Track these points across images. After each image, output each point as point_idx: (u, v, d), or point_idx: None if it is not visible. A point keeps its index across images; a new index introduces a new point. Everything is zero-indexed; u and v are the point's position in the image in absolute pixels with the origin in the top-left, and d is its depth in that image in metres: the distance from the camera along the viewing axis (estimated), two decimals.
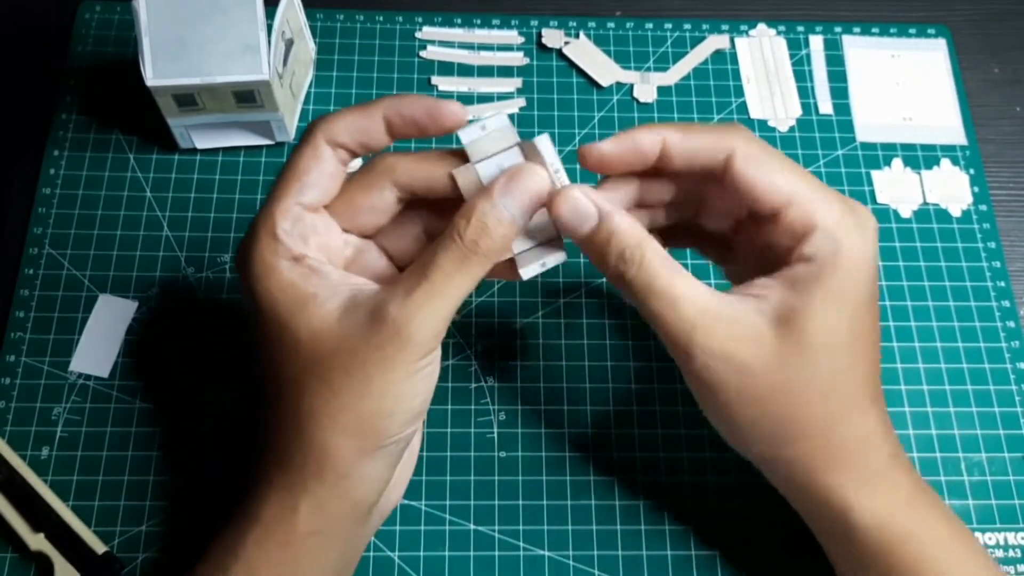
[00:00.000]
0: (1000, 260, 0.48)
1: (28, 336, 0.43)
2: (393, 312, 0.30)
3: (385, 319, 0.30)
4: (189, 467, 0.41)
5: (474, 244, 0.31)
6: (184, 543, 0.40)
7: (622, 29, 0.53)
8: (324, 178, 0.33)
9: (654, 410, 0.43)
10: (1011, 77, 0.53)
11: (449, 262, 0.31)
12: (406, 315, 0.30)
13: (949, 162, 0.50)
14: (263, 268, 0.32)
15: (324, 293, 0.31)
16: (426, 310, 0.30)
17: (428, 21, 0.53)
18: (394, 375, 0.31)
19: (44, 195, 0.47)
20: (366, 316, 0.31)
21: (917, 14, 0.55)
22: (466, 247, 0.31)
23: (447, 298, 0.31)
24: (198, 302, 0.45)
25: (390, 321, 0.30)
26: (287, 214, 0.32)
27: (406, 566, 0.40)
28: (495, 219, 0.31)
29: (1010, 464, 0.43)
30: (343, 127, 0.33)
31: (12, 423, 0.42)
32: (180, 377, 0.43)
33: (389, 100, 0.33)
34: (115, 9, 0.52)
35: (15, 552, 0.39)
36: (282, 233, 0.32)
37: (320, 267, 0.32)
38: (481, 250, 0.31)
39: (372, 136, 0.33)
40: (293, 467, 0.32)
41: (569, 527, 0.41)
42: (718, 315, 0.32)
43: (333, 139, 0.33)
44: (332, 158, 0.33)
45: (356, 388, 0.31)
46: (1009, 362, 0.45)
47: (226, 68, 0.43)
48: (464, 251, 0.31)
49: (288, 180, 0.33)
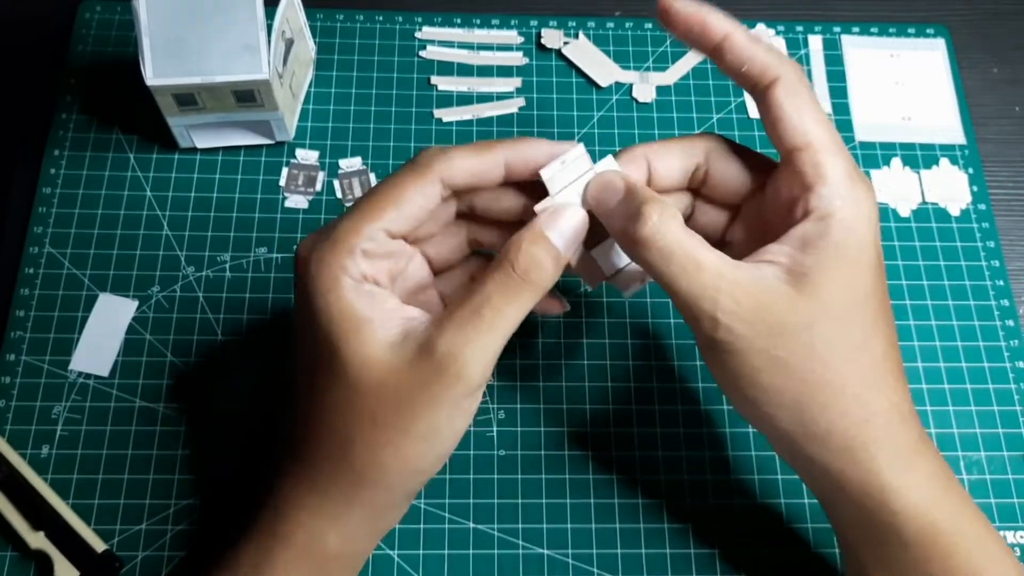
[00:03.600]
0: (999, 259, 0.48)
1: (28, 335, 0.43)
2: (443, 347, 0.30)
3: (434, 354, 0.30)
4: (189, 466, 0.41)
5: (527, 274, 0.31)
6: (184, 542, 0.40)
7: (621, 29, 0.53)
8: (422, 212, 0.33)
9: (653, 409, 0.43)
10: (1010, 77, 0.53)
11: (501, 295, 0.31)
12: (457, 351, 0.30)
13: (948, 161, 0.50)
14: (329, 281, 0.31)
15: (379, 320, 0.31)
16: (476, 346, 0.30)
17: (428, 21, 0.53)
18: (440, 414, 0.31)
19: (44, 194, 0.47)
20: (416, 350, 0.30)
21: (916, 14, 0.55)
22: (519, 277, 0.31)
23: (498, 332, 0.31)
24: (198, 301, 0.45)
25: (440, 357, 0.30)
26: (372, 235, 0.32)
27: (406, 564, 0.40)
28: (543, 251, 0.31)
29: (1009, 463, 0.43)
30: (463, 169, 0.33)
31: (12, 422, 0.42)
32: (180, 376, 0.43)
33: (510, 145, 0.33)
34: (115, 9, 0.52)
35: (15, 550, 0.40)
36: (360, 252, 0.31)
37: (380, 293, 0.32)
38: (533, 280, 0.31)
39: (488, 180, 0.33)
40: (327, 493, 0.32)
41: (568, 525, 0.41)
42: (740, 279, 0.31)
43: (449, 180, 0.33)
44: (438, 195, 0.33)
45: (400, 425, 0.31)
46: (1008, 361, 0.45)
47: (226, 67, 0.43)
48: (517, 283, 0.31)
49: (384, 200, 0.32)
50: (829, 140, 0.33)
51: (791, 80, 0.33)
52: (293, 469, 0.33)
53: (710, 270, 0.31)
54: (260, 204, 0.47)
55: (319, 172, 0.48)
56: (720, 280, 0.31)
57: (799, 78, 0.33)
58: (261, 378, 0.43)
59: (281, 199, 0.47)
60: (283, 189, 0.48)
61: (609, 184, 0.33)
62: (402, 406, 0.31)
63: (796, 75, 0.33)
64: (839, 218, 0.31)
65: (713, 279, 0.31)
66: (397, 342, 0.31)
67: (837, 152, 0.33)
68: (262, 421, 0.42)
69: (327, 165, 0.48)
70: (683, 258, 0.31)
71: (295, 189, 0.48)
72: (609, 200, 0.33)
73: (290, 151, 0.49)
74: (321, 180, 0.48)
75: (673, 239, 0.31)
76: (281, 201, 0.47)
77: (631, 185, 0.33)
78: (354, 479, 0.32)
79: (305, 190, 0.48)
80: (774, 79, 0.33)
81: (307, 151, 0.49)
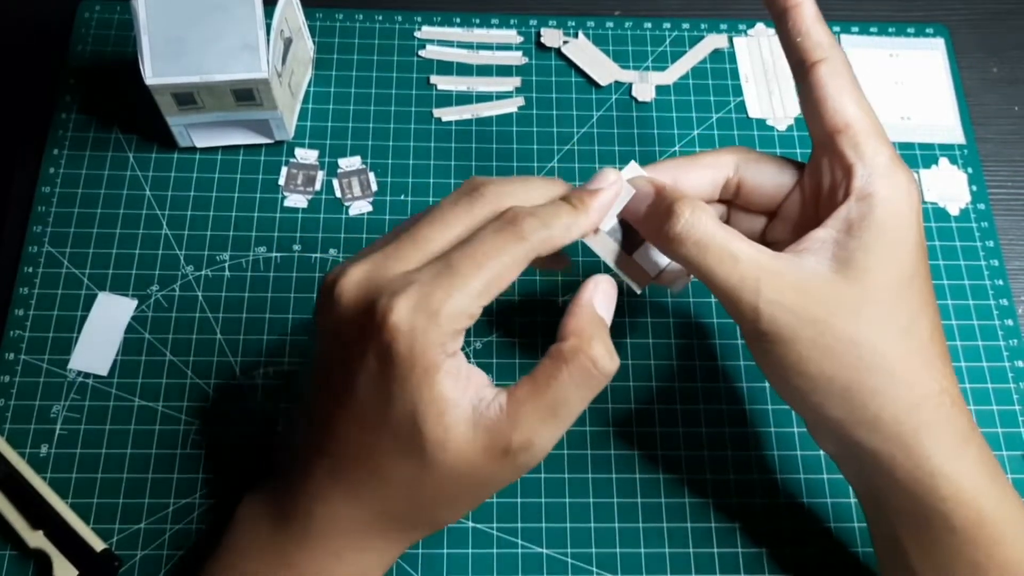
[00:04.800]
0: (998, 259, 0.48)
1: (27, 334, 0.43)
2: (517, 442, 0.30)
3: (509, 451, 0.30)
4: (188, 465, 0.41)
5: (605, 370, 0.30)
6: (183, 541, 0.40)
7: (621, 28, 0.53)
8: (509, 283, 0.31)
9: (652, 408, 0.43)
10: (1009, 76, 0.53)
11: (578, 392, 0.30)
12: (529, 442, 0.30)
13: (947, 161, 0.50)
14: (429, 363, 0.29)
15: (462, 402, 0.30)
16: (549, 439, 0.30)
17: (427, 20, 0.53)
18: (494, 491, 0.33)
19: (43, 194, 0.47)
20: (489, 443, 0.30)
21: (915, 13, 0.55)
22: (600, 375, 0.30)
23: (568, 423, 0.31)
24: (197, 300, 0.45)
25: (513, 451, 0.30)
26: (476, 311, 0.30)
27: (405, 564, 0.40)
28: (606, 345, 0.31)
29: (1009, 463, 0.43)
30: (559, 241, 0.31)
31: (11, 421, 0.42)
32: (179, 375, 0.43)
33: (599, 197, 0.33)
34: (114, 8, 0.52)
35: (14, 550, 0.40)
36: (460, 332, 0.29)
37: (470, 371, 0.30)
38: (609, 375, 0.31)
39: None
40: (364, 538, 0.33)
41: (567, 525, 0.41)
42: (781, 269, 0.31)
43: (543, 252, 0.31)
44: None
45: (470, 503, 0.33)
46: (1007, 360, 0.45)
47: (225, 67, 0.43)
48: (599, 380, 0.31)
49: (484, 271, 0.29)
50: (870, 124, 0.33)
51: (838, 63, 0.33)
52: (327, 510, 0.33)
53: (747, 261, 0.31)
54: (259, 203, 0.47)
55: (318, 171, 0.48)
56: (760, 271, 0.31)
57: (845, 64, 0.34)
58: (261, 377, 0.43)
59: (280, 198, 0.47)
60: (282, 188, 0.48)
61: (639, 190, 0.33)
62: (477, 489, 0.32)
63: (843, 60, 0.34)
64: (881, 197, 0.31)
65: (752, 269, 0.31)
66: (471, 427, 0.30)
67: (878, 136, 0.33)
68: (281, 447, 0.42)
69: (326, 164, 0.48)
70: (719, 250, 0.31)
71: (294, 188, 0.48)
72: (640, 205, 0.33)
73: (289, 150, 0.49)
74: (320, 179, 0.48)
75: (706, 231, 0.31)
76: (280, 200, 0.47)
77: (660, 187, 0.33)
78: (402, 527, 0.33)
79: (304, 189, 0.48)
80: (822, 59, 0.33)
81: (306, 150, 0.49)
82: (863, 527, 0.41)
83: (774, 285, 0.31)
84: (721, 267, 0.31)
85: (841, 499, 0.42)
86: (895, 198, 0.32)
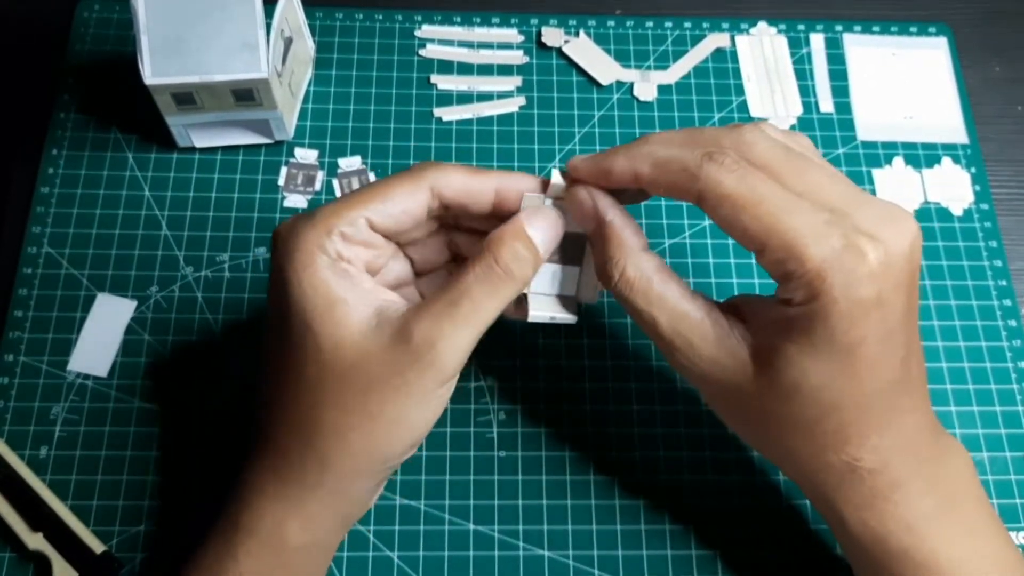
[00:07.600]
0: (1001, 259, 0.47)
1: (26, 335, 0.43)
2: (419, 335, 0.30)
3: (410, 341, 0.30)
4: (188, 467, 0.41)
5: (508, 268, 0.31)
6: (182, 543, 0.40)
7: (622, 27, 0.53)
8: (405, 214, 0.33)
9: (654, 409, 0.43)
10: (1012, 75, 0.53)
11: (480, 287, 0.31)
12: (432, 339, 0.30)
13: (950, 161, 0.50)
14: (305, 256, 0.31)
15: (353, 300, 0.31)
16: (453, 336, 0.30)
17: (427, 19, 0.53)
18: (410, 400, 0.31)
19: (42, 194, 0.47)
20: (391, 336, 0.30)
21: (918, 12, 0.55)
22: (501, 271, 0.31)
23: (475, 324, 0.31)
24: (197, 301, 0.45)
25: (415, 344, 0.30)
26: (352, 220, 0.32)
27: (405, 566, 0.40)
28: (524, 247, 0.32)
29: (1011, 463, 0.43)
30: (456, 183, 0.33)
31: (10, 422, 0.42)
32: (178, 376, 0.43)
33: (505, 176, 0.34)
34: (113, 8, 0.52)
35: (13, 552, 0.39)
36: (339, 234, 0.31)
37: (357, 273, 0.32)
38: (514, 274, 0.31)
39: (477, 201, 0.33)
40: (290, 479, 0.32)
41: (569, 527, 0.41)
42: (705, 335, 0.32)
43: (439, 190, 0.33)
44: (425, 203, 0.33)
45: (369, 410, 0.31)
46: (1010, 361, 0.45)
47: (225, 66, 0.43)
48: (498, 276, 0.31)
49: (371, 193, 0.32)
50: (791, 225, 0.28)
51: (714, 187, 0.29)
52: (258, 455, 0.33)
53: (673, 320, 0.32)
54: (259, 204, 0.47)
55: (318, 171, 0.48)
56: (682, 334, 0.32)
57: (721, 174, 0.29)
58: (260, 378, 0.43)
59: (280, 198, 0.47)
60: (282, 188, 0.48)
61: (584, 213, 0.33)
62: (373, 391, 0.30)
63: (717, 175, 0.29)
64: (812, 312, 0.29)
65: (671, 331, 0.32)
66: (371, 325, 0.31)
67: (809, 232, 0.28)
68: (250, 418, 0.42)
69: (326, 164, 0.48)
70: (645, 306, 0.32)
71: (294, 188, 0.48)
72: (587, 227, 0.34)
73: (289, 150, 0.48)
74: (320, 179, 0.48)
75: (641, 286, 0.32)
76: (280, 200, 0.47)
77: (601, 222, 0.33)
78: (319, 464, 0.31)
79: (304, 189, 0.48)
80: (699, 195, 0.30)
81: (306, 150, 0.49)
82: None
83: (694, 352, 0.32)
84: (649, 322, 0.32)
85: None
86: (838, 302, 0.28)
